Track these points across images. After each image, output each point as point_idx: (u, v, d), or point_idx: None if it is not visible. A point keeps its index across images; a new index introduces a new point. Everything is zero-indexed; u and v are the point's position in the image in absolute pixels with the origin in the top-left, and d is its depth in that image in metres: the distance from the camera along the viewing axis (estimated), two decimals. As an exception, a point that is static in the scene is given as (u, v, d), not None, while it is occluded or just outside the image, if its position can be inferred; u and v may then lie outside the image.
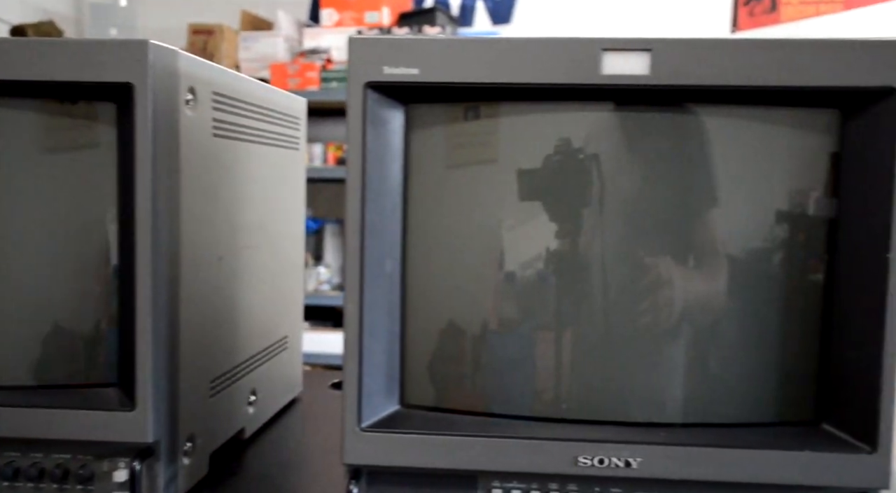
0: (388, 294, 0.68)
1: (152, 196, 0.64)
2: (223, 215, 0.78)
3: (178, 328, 0.69)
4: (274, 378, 0.95)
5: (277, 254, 0.94)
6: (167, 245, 0.67)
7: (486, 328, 0.70)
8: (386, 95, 0.65)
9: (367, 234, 0.66)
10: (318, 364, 2.82)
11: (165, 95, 0.66)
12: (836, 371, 0.66)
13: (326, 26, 3.05)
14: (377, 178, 0.66)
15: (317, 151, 3.03)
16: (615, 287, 0.68)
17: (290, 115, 0.96)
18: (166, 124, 0.66)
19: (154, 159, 0.64)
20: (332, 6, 3.05)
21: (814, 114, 0.65)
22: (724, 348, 0.69)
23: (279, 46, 2.99)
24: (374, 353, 0.67)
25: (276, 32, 3.03)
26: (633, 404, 0.69)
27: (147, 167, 0.64)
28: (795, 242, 0.67)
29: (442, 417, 0.69)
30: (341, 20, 3.03)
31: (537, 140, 0.67)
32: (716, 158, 0.67)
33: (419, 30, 2.90)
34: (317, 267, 3.08)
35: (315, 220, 3.15)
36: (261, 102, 0.86)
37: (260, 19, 3.17)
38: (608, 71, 0.63)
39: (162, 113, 0.65)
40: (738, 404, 0.68)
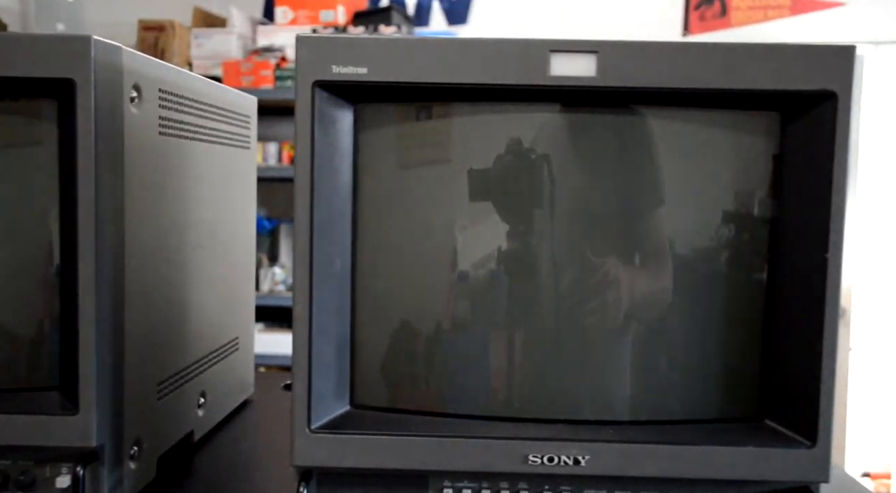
0: (338, 295, 0.68)
1: (95, 195, 0.63)
2: (170, 215, 0.77)
3: (123, 330, 0.68)
4: (225, 380, 0.94)
5: (227, 254, 0.93)
6: (111, 245, 0.66)
7: (438, 328, 0.70)
8: (335, 95, 0.65)
9: (316, 234, 0.65)
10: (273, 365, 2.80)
11: (109, 91, 0.65)
12: (778, 368, 0.68)
13: (281, 24, 3.02)
14: (326, 178, 0.66)
15: (271, 150, 3.00)
16: (564, 287, 0.69)
17: (239, 113, 0.95)
18: (110, 122, 0.65)
19: (97, 158, 0.63)
20: (287, 4, 3.02)
21: (756, 117, 0.67)
22: (670, 346, 0.70)
23: (232, 44, 2.95)
24: (324, 354, 0.67)
25: (230, 30, 2.99)
26: (583, 402, 0.70)
27: (89, 166, 0.63)
28: (739, 242, 0.69)
29: (393, 417, 0.69)
30: (296, 18, 3.01)
31: (487, 140, 0.68)
32: (662, 159, 0.68)
33: (375, 29, 2.89)
34: (272, 267, 3.05)
35: (270, 220, 3.11)
36: (209, 99, 0.85)
37: (213, 16, 3.13)
38: (556, 72, 0.63)
39: (105, 110, 0.64)
40: (684, 401, 0.70)
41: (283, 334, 2.86)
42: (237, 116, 0.94)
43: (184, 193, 0.80)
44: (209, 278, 0.87)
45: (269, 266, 3.06)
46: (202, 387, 0.86)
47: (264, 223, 3.05)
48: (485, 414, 0.69)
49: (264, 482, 0.81)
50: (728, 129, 0.68)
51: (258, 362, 3.04)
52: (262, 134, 2.94)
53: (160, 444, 0.77)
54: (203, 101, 0.83)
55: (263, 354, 2.62)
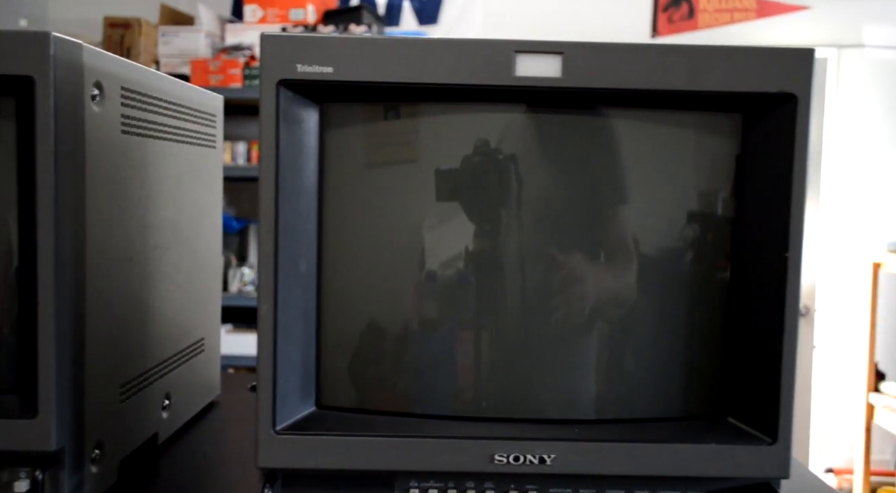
0: (304, 295, 0.68)
1: (55, 195, 0.62)
2: (133, 215, 0.76)
3: (84, 331, 0.67)
4: (190, 381, 0.93)
5: (192, 254, 0.92)
6: (71, 245, 0.65)
7: (404, 329, 0.70)
8: (300, 94, 0.65)
9: (282, 234, 0.65)
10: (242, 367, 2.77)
11: (69, 89, 0.64)
12: (740, 367, 0.69)
13: (250, 23, 3.00)
14: (291, 177, 0.66)
15: (240, 149, 2.98)
16: (530, 286, 0.70)
17: (204, 112, 0.94)
18: (70, 120, 0.64)
19: (56, 157, 0.62)
20: (256, 2, 3.00)
21: (718, 118, 0.68)
22: (634, 345, 0.71)
23: (200, 42, 2.92)
24: (289, 354, 0.66)
25: (198, 27, 2.96)
26: (549, 401, 0.71)
27: (49, 165, 0.62)
28: (702, 242, 0.70)
29: (358, 418, 0.69)
30: (265, 16, 2.99)
31: (453, 140, 0.68)
32: (627, 160, 0.69)
33: (345, 28, 2.88)
34: (240, 268, 3.03)
35: (238, 219, 3.09)
36: (174, 98, 0.84)
37: (180, 13, 3.10)
38: (521, 73, 0.64)
39: (65, 108, 0.63)
40: (647, 399, 0.70)
41: (251, 334, 2.84)
42: (203, 114, 0.93)
43: (147, 193, 0.79)
44: (173, 278, 0.86)
45: (238, 266, 3.04)
46: (166, 389, 0.85)
47: (233, 223, 3.03)
48: (451, 414, 0.70)
49: (229, 484, 0.81)
50: (692, 130, 0.69)
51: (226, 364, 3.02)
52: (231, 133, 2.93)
53: (123, 447, 0.76)
54: (167, 99, 0.83)
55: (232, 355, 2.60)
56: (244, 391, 1.11)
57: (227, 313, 3.23)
